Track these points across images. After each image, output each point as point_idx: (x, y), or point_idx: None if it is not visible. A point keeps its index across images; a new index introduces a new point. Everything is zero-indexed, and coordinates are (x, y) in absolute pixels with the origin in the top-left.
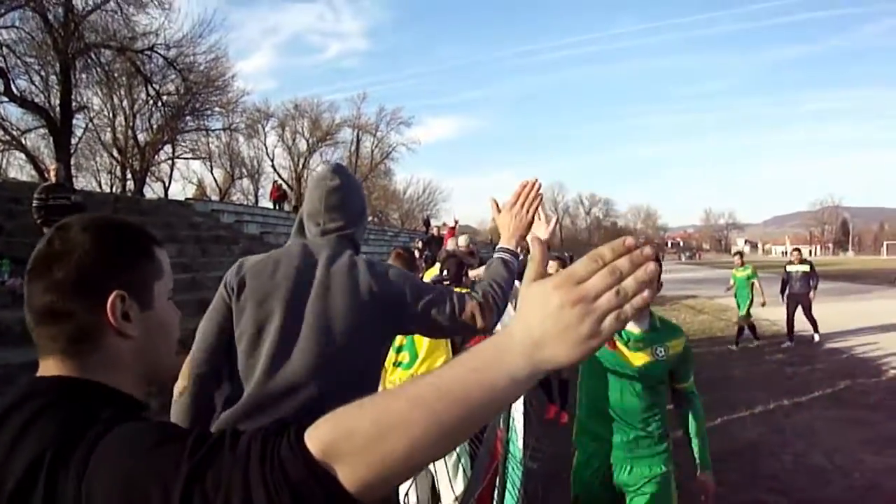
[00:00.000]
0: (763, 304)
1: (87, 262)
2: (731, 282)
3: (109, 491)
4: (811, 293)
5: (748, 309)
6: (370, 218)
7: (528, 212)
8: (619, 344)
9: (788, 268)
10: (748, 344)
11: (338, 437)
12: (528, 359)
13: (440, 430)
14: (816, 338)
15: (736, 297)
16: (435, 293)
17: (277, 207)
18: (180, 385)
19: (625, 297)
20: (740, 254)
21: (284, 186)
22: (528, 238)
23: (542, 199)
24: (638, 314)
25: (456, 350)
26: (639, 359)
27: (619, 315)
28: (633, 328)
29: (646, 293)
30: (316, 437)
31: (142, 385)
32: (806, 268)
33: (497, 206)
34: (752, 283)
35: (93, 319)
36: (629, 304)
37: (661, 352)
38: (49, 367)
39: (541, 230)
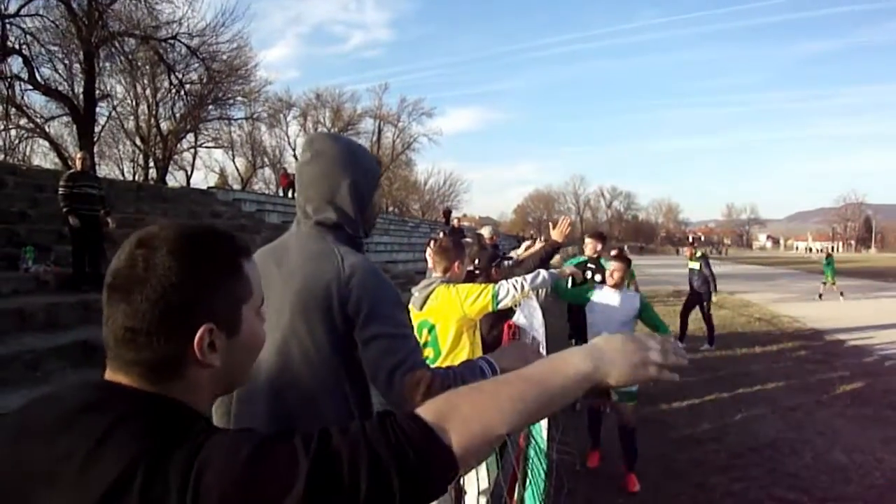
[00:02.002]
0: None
1: (173, 293)
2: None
3: (226, 490)
4: (710, 291)
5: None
6: (390, 209)
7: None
8: None
9: (690, 265)
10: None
11: (446, 409)
12: (591, 356)
13: (523, 405)
14: (708, 346)
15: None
16: (397, 337)
17: (287, 195)
18: None
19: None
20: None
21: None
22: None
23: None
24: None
25: (485, 345)
26: None
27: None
28: None
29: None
30: (427, 410)
31: (213, 400)
32: (696, 265)
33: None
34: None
35: (177, 351)
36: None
37: None
38: (124, 377)
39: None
